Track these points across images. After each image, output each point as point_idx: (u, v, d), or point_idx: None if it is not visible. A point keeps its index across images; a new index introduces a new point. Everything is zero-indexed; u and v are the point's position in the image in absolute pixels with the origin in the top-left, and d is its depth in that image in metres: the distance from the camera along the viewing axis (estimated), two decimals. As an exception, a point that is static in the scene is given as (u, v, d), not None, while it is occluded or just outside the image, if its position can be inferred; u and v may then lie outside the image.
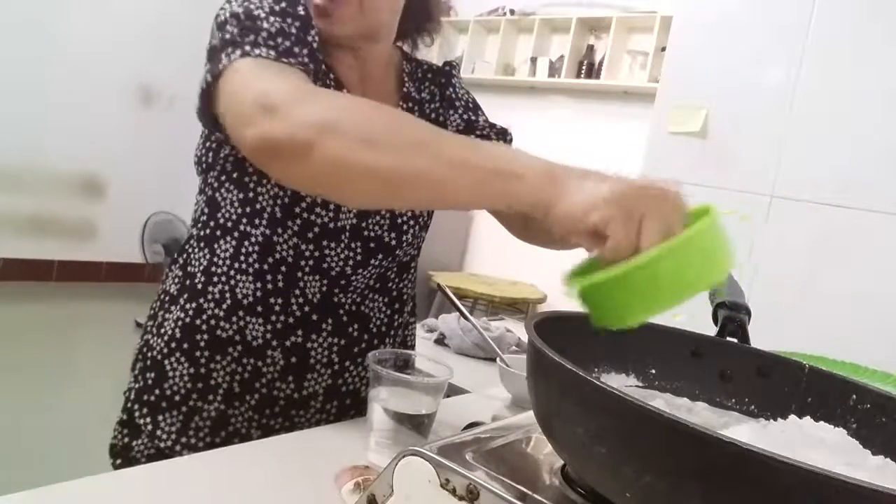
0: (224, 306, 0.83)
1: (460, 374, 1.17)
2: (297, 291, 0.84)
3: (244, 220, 0.83)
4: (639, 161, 2.08)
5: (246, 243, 0.83)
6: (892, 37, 1.67)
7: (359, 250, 0.86)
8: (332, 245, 0.84)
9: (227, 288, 0.84)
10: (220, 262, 0.84)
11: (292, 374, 0.86)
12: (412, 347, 1.04)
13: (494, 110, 4.08)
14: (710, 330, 0.62)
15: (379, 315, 0.93)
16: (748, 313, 0.62)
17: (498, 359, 1.14)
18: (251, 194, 0.82)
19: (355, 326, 0.89)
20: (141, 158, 4.31)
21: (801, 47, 1.79)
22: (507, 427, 0.56)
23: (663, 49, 2.18)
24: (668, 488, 0.35)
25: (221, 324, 0.83)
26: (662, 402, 0.51)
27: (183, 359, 0.84)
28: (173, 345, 0.85)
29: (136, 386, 0.88)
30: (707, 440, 0.32)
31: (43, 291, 3.74)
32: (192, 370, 0.84)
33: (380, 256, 0.88)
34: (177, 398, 0.84)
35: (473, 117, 1.01)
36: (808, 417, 0.48)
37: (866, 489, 0.30)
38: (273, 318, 0.84)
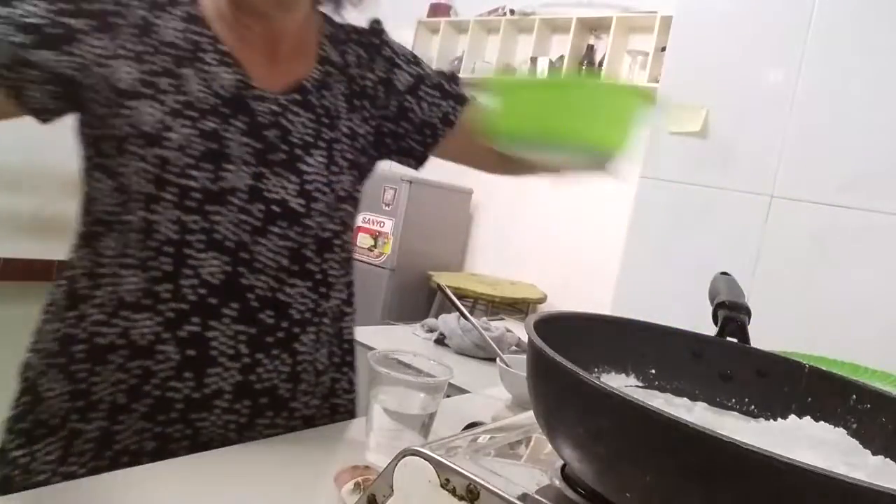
0: (108, 309, 0.75)
1: (460, 374, 1.18)
2: (189, 272, 0.75)
3: (119, 209, 0.74)
4: (639, 161, 2.08)
5: (128, 235, 0.74)
6: (893, 37, 1.67)
7: (258, 214, 0.77)
8: (222, 210, 0.75)
9: (111, 289, 0.75)
10: (105, 262, 0.75)
11: (190, 370, 0.76)
12: (350, 343, 0.96)
13: (494, 110, 3.93)
14: (710, 330, 0.62)
15: (302, 301, 0.82)
16: (748, 313, 0.62)
17: (498, 359, 1.14)
18: (120, 178, 0.74)
19: (269, 313, 0.79)
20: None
21: (801, 47, 1.79)
22: (507, 427, 0.56)
23: (663, 49, 2.18)
24: (668, 488, 0.35)
25: (103, 329, 0.74)
26: (662, 402, 0.51)
27: (60, 376, 0.75)
28: (50, 361, 0.76)
29: (13, 413, 0.78)
30: (707, 440, 0.32)
31: (43, 291, 3.74)
32: (69, 388, 0.75)
33: (282, 224, 0.79)
34: (55, 422, 0.75)
35: (421, 71, 0.95)
36: (808, 417, 0.48)
37: (866, 489, 0.30)
38: (162, 307, 0.74)
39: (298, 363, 0.84)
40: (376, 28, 0.96)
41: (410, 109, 0.93)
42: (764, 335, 0.67)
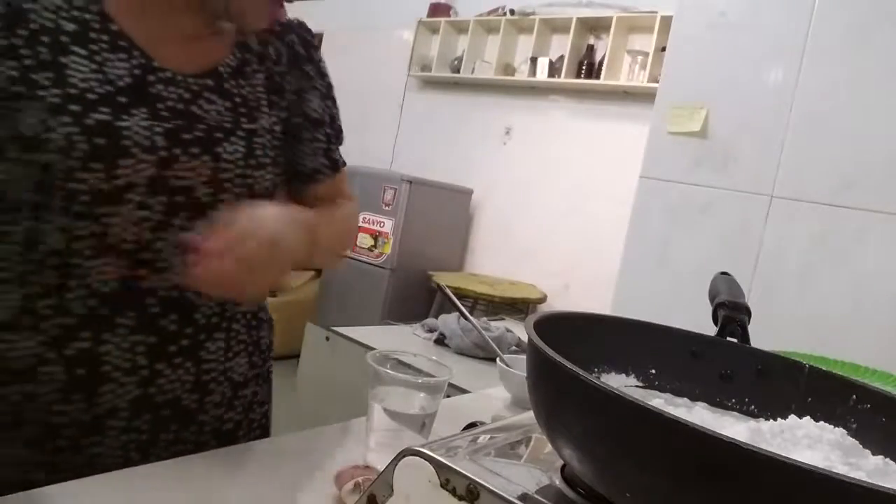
0: None
1: (460, 374, 1.17)
2: (74, 283, 0.67)
3: (1, 217, 0.67)
4: (639, 161, 2.08)
5: (6, 246, 0.67)
6: (893, 36, 1.67)
7: (158, 208, 0.69)
8: (115, 210, 0.67)
9: None
10: None
11: (79, 391, 0.68)
12: (267, 351, 0.89)
13: (494, 110, 4.08)
14: (710, 330, 0.62)
15: (208, 304, 0.75)
16: (748, 313, 0.62)
17: (498, 359, 1.14)
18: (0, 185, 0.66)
19: (172, 318, 0.72)
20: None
21: (801, 47, 1.79)
22: (507, 427, 0.56)
23: (663, 49, 2.18)
24: (667, 488, 0.35)
25: None
26: (662, 402, 0.51)
27: None
28: None
29: None
30: (707, 440, 0.32)
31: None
32: None
33: (185, 215, 0.71)
34: None
35: (328, 111, 0.89)
36: (808, 417, 0.48)
37: (866, 489, 0.30)
38: (44, 325, 0.66)
39: (204, 372, 0.76)
40: (307, 39, 0.87)
41: (298, 140, 0.86)
42: (764, 335, 0.67)
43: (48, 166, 0.64)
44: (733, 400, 0.57)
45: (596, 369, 0.55)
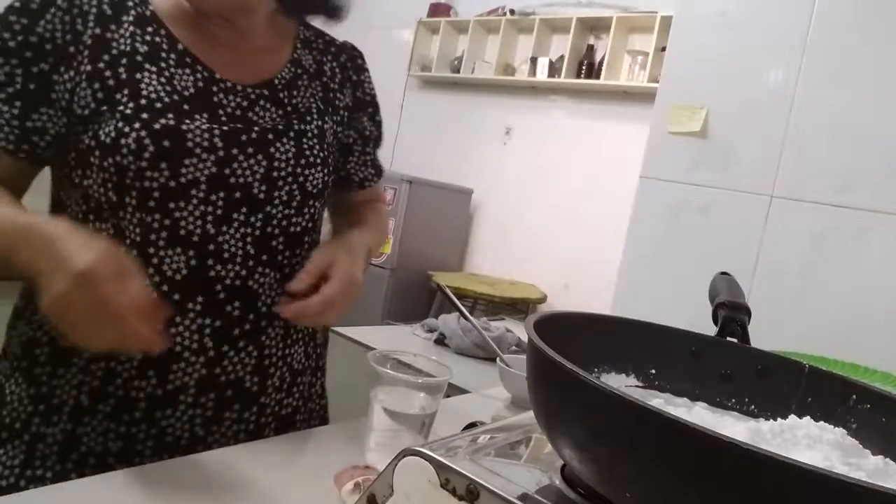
0: None
1: (460, 374, 1.17)
2: (152, 271, 0.74)
3: (91, 216, 0.76)
4: (639, 161, 2.08)
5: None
6: (893, 36, 1.67)
7: (219, 203, 0.77)
8: (182, 205, 0.75)
9: None
10: None
11: (153, 368, 0.75)
12: (323, 346, 0.97)
13: (494, 110, 4.08)
14: (710, 330, 0.62)
15: (269, 292, 0.82)
16: (748, 313, 0.62)
17: (498, 359, 1.14)
18: (85, 189, 0.75)
19: (236, 304, 0.79)
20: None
21: (801, 47, 1.79)
22: (507, 427, 0.56)
23: (663, 49, 2.18)
24: (667, 488, 0.35)
25: None
26: (662, 402, 0.51)
27: (21, 379, 0.76)
28: (15, 364, 0.77)
29: None
30: (707, 440, 0.32)
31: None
32: (31, 391, 0.75)
33: (244, 210, 0.79)
34: (17, 426, 0.75)
35: (374, 129, 1.01)
36: (808, 417, 0.48)
37: (866, 489, 0.30)
38: None
39: (266, 357, 0.83)
40: (359, 63, 0.98)
41: (350, 153, 0.98)
42: (764, 335, 0.67)
43: (122, 168, 0.72)
44: (733, 400, 0.57)
45: (596, 369, 0.55)
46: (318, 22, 0.95)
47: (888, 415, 0.50)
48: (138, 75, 0.74)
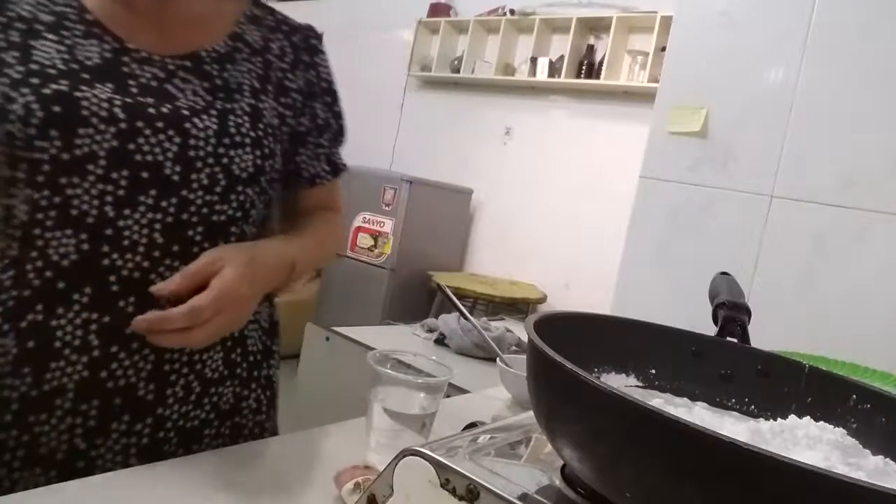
0: None
1: (460, 374, 1.18)
2: (35, 254, 0.67)
3: None
4: (639, 161, 2.08)
5: None
6: (893, 36, 1.67)
7: (122, 182, 0.68)
8: (76, 181, 0.66)
9: None
10: None
11: (30, 364, 0.67)
12: (261, 354, 0.85)
13: (494, 110, 4.08)
14: (710, 330, 0.62)
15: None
16: (748, 313, 0.62)
17: (498, 359, 1.14)
18: None
19: (132, 300, 0.69)
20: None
21: (801, 47, 1.79)
22: (507, 427, 0.56)
23: (663, 49, 2.18)
24: (668, 488, 0.35)
25: None
26: (662, 402, 0.51)
27: None
28: None
29: None
30: (707, 440, 0.32)
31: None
32: None
33: (153, 193, 0.69)
34: None
35: (332, 119, 0.90)
36: (808, 417, 0.48)
37: (866, 489, 0.30)
38: (3, 296, 0.67)
39: (166, 361, 0.72)
40: (314, 44, 0.88)
41: (302, 145, 0.87)
42: (764, 335, 0.67)
43: (12, 137, 0.65)
44: (733, 400, 0.57)
45: (596, 369, 0.55)
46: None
47: (888, 415, 0.50)
48: (33, 41, 0.68)
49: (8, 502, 0.58)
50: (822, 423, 0.48)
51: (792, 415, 0.49)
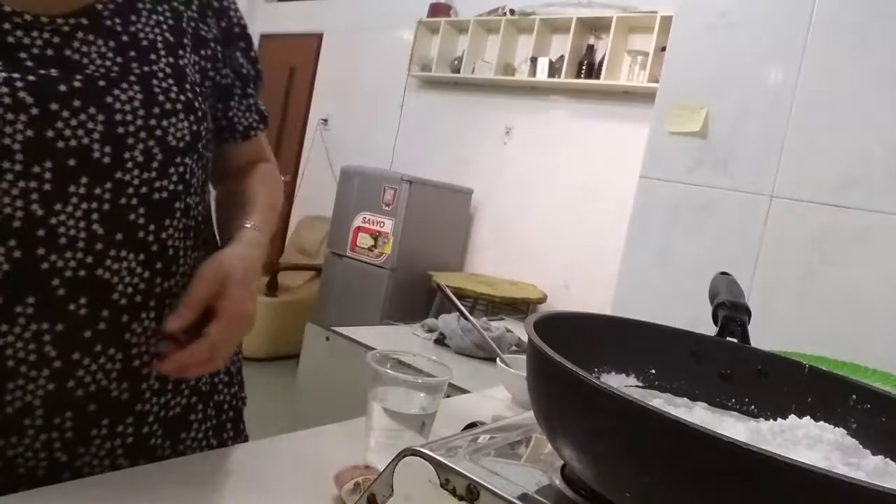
0: None
1: (460, 374, 1.18)
2: None
3: None
4: (639, 161, 2.08)
5: None
6: (893, 37, 1.67)
7: (46, 176, 0.60)
8: None
9: None
10: None
11: None
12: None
13: (494, 110, 4.09)
14: (710, 330, 0.62)
15: (128, 279, 0.65)
16: (748, 313, 0.62)
17: (498, 359, 1.14)
18: None
19: (82, 301, 0.62)
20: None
21: (801, 47, 1.79)
22: (507, 427, 0.56)
23: (663, 49, 2.18)
24: (667, 488, 0.35)
25: None
26: (662, 402, 0.51)
27: None
28: None
29: None
30: (707, 440, 0.32)
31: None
32: None
33: (85, 182, 0.62)
34: None
35: (253, 66, 0.84)
36: (808, 417, 0.48)
37: (866, 489, 0.30)
38: None
39: (134, 357, 0.67)
40: None
41: (230, 98, 0.81)
42: (764, 335, 0.67)
43: None
44: (733, 400, 0.57)
45: (596, 369, 0.55)
46: None
47: (888, 415, 0.50)
48: None
49: (9, 502, 0.58)
50: (822, 423, 0.48)
51: (792, 415, 0.49)
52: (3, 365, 0.60)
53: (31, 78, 0.59)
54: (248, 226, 0.75)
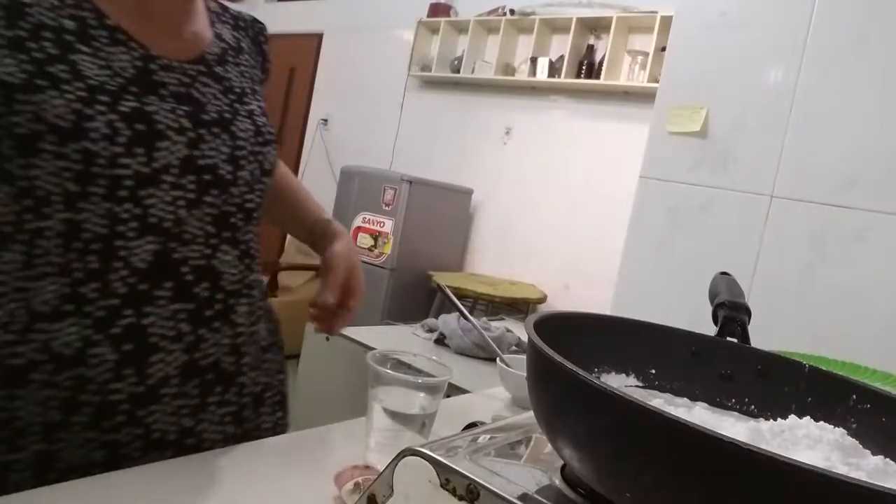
0: (15, 328, 0.66)
1: (460, 374, 1.18)
2: (120, 265, 0.69)
3: (28, 216, 0.66)
4: (639, 161, 2.08)
5: (40, 242, 0.67)
6: (893, 37, 1.67)
7: (191, 186, 0.73)
8: (153, 191, 0.70)
9: (16, 305, 0.67)
10: (3, 279, 0.67)
11: (131, 365, 0.70)
12: (271, 316, 0.94)
13: (494, 110, 4.09)
14: (710, 330, 0.62)
15: (231, 271, 0.79)
16: (748, 313, 0.62)
17: (498, 359, 1.14)
18: (23, 182, 0.66)
19: (205, 286, 0.75)
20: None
21: (801, 47, 1.79)
22: (507, 427, 0.56)
23: (663, 49, 2.18)
24: (667, 488, 0.35)
25: (17, 349, 0.66)
26: (662, 402, 0.51)
27: None
28: None
29: None
30: (707, 440, 0.32)
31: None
32: None
33: (214, 192, 0.76)
34: None
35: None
36: (808, 417, 0.48)
37: (866, 489, 0.30)
38: (89, 308, 0.68)
39: (238, 335, 0.81)
40: (266, 35, 0.95)
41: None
42: (764, 335, 0.67)
43: (92, 155, 0.66)
44: (733, 400, 0.57)
45: (596, 369, 0.55)
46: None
47: (888, 415, 0.50)
48: (72, 56, 0.67)
49: (14, 500, 0.58)
50: (822, 423, 0.48)
51: (792, 415, 0.49)
52: (146, 342, 0.71)
53: (187, 108, 0.74)
54: (330, 219, 0.99)
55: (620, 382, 0.56)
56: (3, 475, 0.66)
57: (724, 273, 0.70)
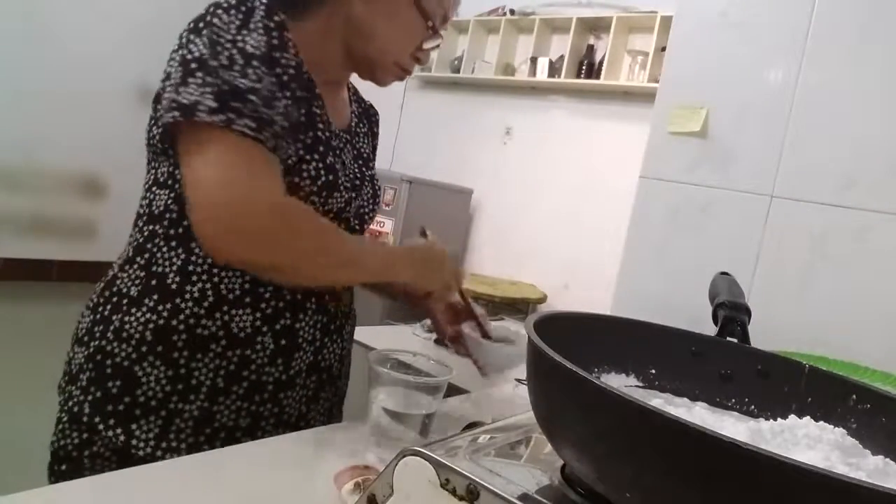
0: (205, 304, 0.81)
1: (460, 374, 1.17)
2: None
3: None
4: (639, 161, 2.08)
5: None
6: (893, 37, 1.67)
7: (343, 225, 0.91)
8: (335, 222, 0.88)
9: (208, 286, 0.81)
10: (200, 261, 0.82)
11: (281, 357, 0.86)
12: (354, 326, 1.09)
13: (494, 110, 4.08)
14: (710, 330, 0.62)
15: (346, 294, 0.99)
16: (748, 313, 0.62)
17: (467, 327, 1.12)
18: None
19: (332, 305, 0.94)
20: (141, 158, 4.30)
21: (801, 47, 1.78)
22: (507, 427, 0.56)
23: (663, 49, 2.18)
24: (668, 488, 0.35)
25: (203, 321, 0.81)
26: (662, 402, 0.51)
27: (158, 362, 0.80)
28: (144, 349, 0.81)
29: (95, 396, 0.81)
30: (707, 440, 0.32)
31: (43, 291, 3.74)
32: (169, 373, 0.81)
33: (365, 227, 0.99)
34: (153, 403, 0.80)
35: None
36: (808, 417, 0.48)
37: (866, 489, 0.30)
38: (262, 305, 0.84)
39: (344, 347, 0.99)
40: (378, 119, 1.13)
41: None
42: (764, 335, 0.67)
43: (295, 188, 0.82)
44: (733, 400, 0.57)
45: (596, 369, 0.55)
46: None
47: (888, 415, 0.50)
48: (307, 109, 0.84)
49: (17, 499, 0.58)
50: (822, 423, 0.48)
51: (792, 415, 0.49)
52: (295, 341, 0.88)
53: (349, 174, 0.93)
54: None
55: (620, 382, 0.56)
56: (171, 421, 0.80)
57: (724, 273, 0.71)
